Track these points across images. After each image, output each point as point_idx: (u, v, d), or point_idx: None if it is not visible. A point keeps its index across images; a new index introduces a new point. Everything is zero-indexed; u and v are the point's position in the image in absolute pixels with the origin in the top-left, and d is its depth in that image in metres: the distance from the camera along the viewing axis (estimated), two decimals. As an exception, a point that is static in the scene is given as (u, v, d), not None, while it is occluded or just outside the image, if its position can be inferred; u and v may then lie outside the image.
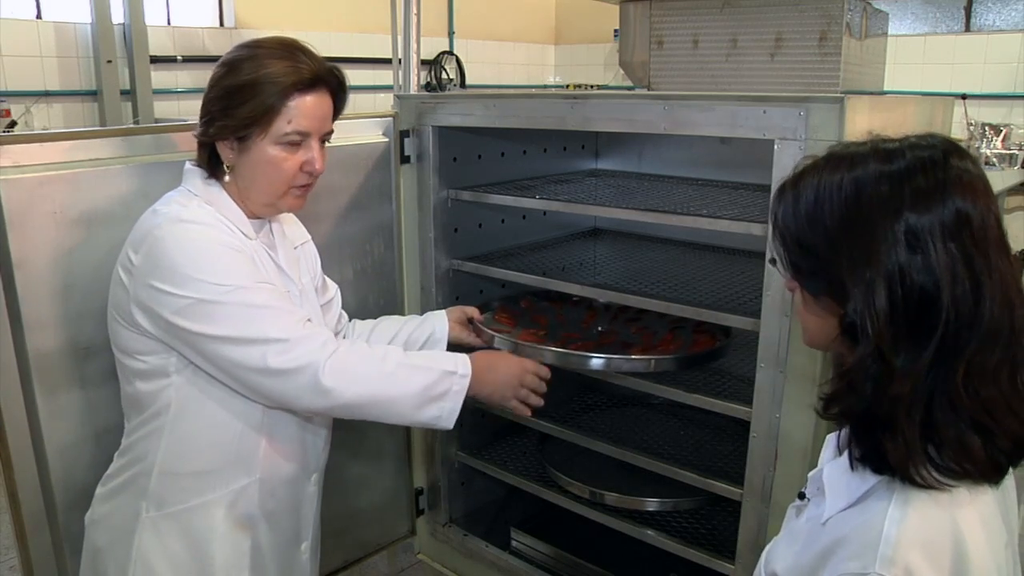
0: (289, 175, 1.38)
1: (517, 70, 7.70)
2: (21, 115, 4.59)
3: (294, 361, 1.31)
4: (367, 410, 1.40)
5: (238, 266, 1.33)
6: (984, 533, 0.84)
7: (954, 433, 0.83)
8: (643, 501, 2.01)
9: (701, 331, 2.01)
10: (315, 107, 1.37)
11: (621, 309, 2.17)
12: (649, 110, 1.69)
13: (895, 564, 0.80)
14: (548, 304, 2.26)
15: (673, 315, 1.92)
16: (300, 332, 1.33)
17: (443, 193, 2.17)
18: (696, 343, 1.95)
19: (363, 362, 1.38)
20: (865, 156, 0.89)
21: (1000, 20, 5.62)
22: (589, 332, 2.09)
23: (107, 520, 1.44)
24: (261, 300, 1.32)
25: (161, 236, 1.31)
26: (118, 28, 4.87)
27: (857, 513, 0.88)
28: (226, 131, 1.35)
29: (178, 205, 1.37)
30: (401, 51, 2.95)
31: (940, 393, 0.82)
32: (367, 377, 1.37)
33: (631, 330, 2.10)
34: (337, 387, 1.33)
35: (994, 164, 5.01)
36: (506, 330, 1.97)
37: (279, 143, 1.36)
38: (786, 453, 1.63)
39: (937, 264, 0.81)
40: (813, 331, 0.97)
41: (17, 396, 1.47)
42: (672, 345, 1.96)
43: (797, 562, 0.94)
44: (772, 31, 2.27)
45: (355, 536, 2.18)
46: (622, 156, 2.71)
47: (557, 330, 2.07)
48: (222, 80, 1.36)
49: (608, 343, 2.00)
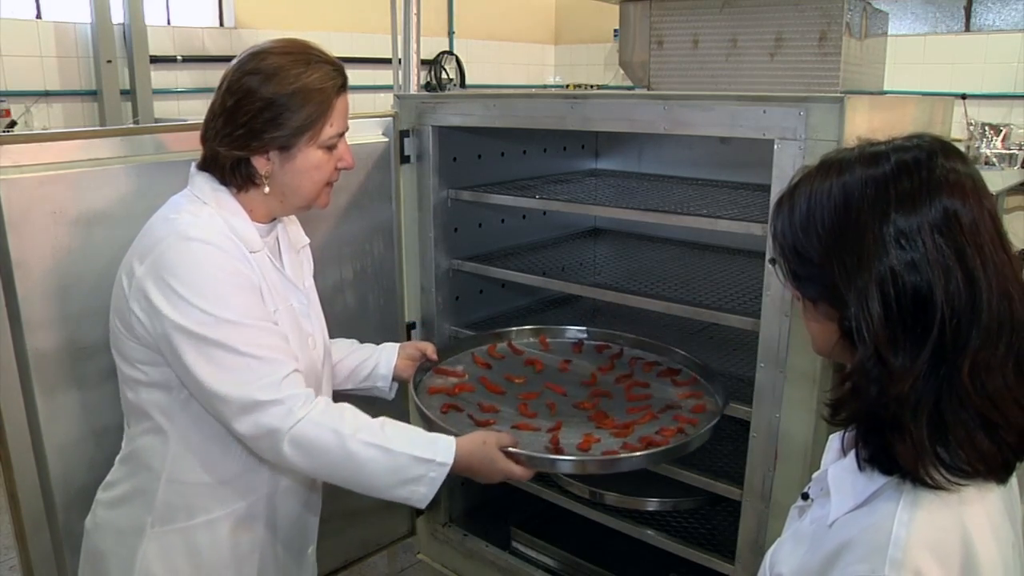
0: (328, 175, 1.41)
1: (517, 70, 7.70)
2: (21, 115, 4.60)
3: (255, 428, 1.28)
4: (333, 481, 1.37)
5: (239, 298, 1.30)
6: (992, 534, 0.84)
7: (964, 432, 0.83)
8: (643, 501, 2.01)
9: (685, 389, 1.76)
10: (347, 106, 1.41)
11: (599, 348, 1.98)
12: (649, 110, 1.69)
13: (905, 567, 0.80)
14: (509, 353, 1.97)
15: (660, 362, 1.86)
16: (271, 394, 1.27)
17: (443, 193, 2.17)
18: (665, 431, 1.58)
19: (327, 437, 1.30)
20: (852, 161, 0.90)
21: (1000, 20, 5.62)
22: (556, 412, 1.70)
23: (110, 527, 1.43)
24: (247, 345, 1.27)
25: (165, 251, 1.28)
26: (118, 28, 4.87)
27: (864, 515, 0.88)
28: (273, 143, 1.33)
29: (189, 215, 1.33)
30: (401, 51, 2.95)
31: (948, 392, 0.82)
32: (327, 454, 1.31)
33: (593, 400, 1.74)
34: (297, 462, 1.31)
35: (994, 164, 5.01)
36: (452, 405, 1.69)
37: (323, 147, 1.37)
38: (786, 453, 1.63)
39: (928, 262, 0.82)
40: (817, 338, 0.98)
41: (17, 396, 1.47)
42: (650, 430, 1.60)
43: (803, 564, 0.93)
44: (772, 31, 2.27)
45: (355, 536, 2.18)
46: (622, 156, 2.71)
47: (512, 398, 1.74)
48: (258, 91, 1.30)
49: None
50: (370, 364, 1.72)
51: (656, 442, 1.52)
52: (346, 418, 1.33)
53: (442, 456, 1.36)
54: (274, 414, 1.27)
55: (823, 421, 1.56)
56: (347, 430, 1.31)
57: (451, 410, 1.67)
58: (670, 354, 1.91)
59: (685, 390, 1.76)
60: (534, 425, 1.62)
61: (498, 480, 1.44)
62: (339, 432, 1.30)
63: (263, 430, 1.28)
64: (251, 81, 1.31)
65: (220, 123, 1.34)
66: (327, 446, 1.30)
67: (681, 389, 1.77)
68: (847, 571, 0.83)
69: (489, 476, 1.43)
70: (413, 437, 1.38)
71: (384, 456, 1.32)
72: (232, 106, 1.32)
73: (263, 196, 1.38)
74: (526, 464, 1.44)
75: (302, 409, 1.29)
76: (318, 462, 1.32)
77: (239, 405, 1.27)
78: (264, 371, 1.28)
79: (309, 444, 1.29)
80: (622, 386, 1.79)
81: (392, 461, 1.32)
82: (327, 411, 1.32)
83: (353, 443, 1.31)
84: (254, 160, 1.34)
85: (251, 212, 1.40)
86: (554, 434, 1.58)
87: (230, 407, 1.27)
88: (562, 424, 1.62)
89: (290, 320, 1.44)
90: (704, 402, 1.69)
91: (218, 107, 1.34)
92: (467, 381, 1.81)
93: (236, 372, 1.27)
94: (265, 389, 1.27)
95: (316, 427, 1.29)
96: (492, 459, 1.41)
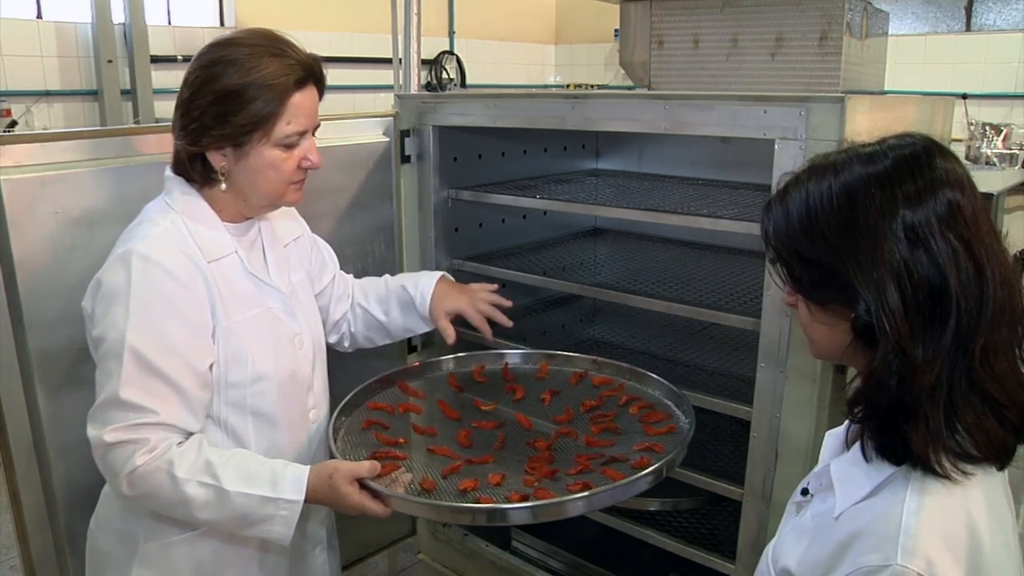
0: (288, 174, 1.35)
1: (517, 70, 7.70)
2: (22, 115, 4.60)
3: (100, 462, 1.28)
4: (189, 523, 1.35)
5: (171, 328, 1.27)
6: (994, 519, 0.87)
7: (973, 416, 0.85)
8: (644, 501, 2.01)
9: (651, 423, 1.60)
10: (309, 103, 1.34)
11: (597, 382, 1.77)
12: (649, 110, 1.69)
13: (916, 555, 0.81)
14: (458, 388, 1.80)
15: (653, 405, 1.64)
16: (128, 435, 1.24)
17: (443, 193, 2.17)
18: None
19: (164, 486, 1.26)
20: (848, 162, 0.91)
21: (1001, 20, 5.62)
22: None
23: (111, 528, 1.43)
24: (128, 383, 1.24)
25: (119, 264, 1.28)
26: (118, 28, 4.87)
27: (872, 505, 0.89)
28: (223, 140, 1.29)
29: (149, 225, 1.32)
30: (401, 51, 2.95)
31: (959, 376, 0.85)
32: (166, 499, 1.28)
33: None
34: (140, 498, 1.29)
35: (994, 164, 5.00)
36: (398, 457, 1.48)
37: (278, 145, 1.32)
38: (787, 453, 1.63)
39: (940, 255, 0.84)
40: (822, 341, 0.98)
41: (19, 396, 1.47)
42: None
43: (809, 557, 0.94)
44: (772, 31, 2.27)
45: (356, 536, 2.18)
46: (622, 156, 2.71)
47: (464, 424, 1.62)
48: (209, 85, 1.27)
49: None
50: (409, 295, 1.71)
51: (541, 494, 1.34)
52: (185, 459, 1.27)
53: (289, 493, 1.28)
54: (121, 455, 1.25)
55: (824, 421, 1.57)
56: (182, 473, 1.25)
57: (372, 426, 1.59)
58: (668, 392, 1.69)
59: (649, 441, 1.52)
60: (455, 453, 1.50)
61: (354, 514, 1.33)
62: (177, 478, 1.25)
63: (105, 468, 1.29)
64: (205, 73, 1.28)
65: (178, 116, 1.32)
66: (165, 493, 1.27)
67: (648, 439, 1.53)
68: (859, 560, 0.85)
69: (341, 511, 1.34)
70: (254, 473, 1.29)
71: (219, 497, 1.27)
72: (187, 99, 1.30)
73: (223, 194, 1.36)
74: (386, 501, 1.31)
75: (146, 454, 1.25)
76: (158, 505, 1.31)
77: (98, 435, 1.26)
78: (142, 415, 1.25)
79: (150, 490, 1.27)
80: (593, 428, 1.60)
81: (229, 502, 1.27)
82: (184, 454, 1.27)
83: (191, 487, 1.26)
84: (209, 156, 1.32)
85: (221, 212, 1.38)
86: (454, 464, 1.45)
87: (94, 432, 1.27)
88: (492, 458, 1.49)
89: (266, 324, 1.41)
90: (650, 458, 1.44)
91: (178, 99, 1.32)
92: (421, 402, 1.71)
93: (112, 408, 1.25)
94: (129, 429, 1.25)
95: (156, 474, 1.25)
96: (339, 494, 1.30)
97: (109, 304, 1.27)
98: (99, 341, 1.28)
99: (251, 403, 1.39)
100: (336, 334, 1.73)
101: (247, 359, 1.37)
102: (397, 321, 1.73)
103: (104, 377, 1.27)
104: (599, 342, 2.71)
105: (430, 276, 1.75)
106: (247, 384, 1.38)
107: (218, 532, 1.41)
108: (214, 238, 1.36)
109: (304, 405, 1.50)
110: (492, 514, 1.32)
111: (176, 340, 1.28)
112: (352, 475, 1.31)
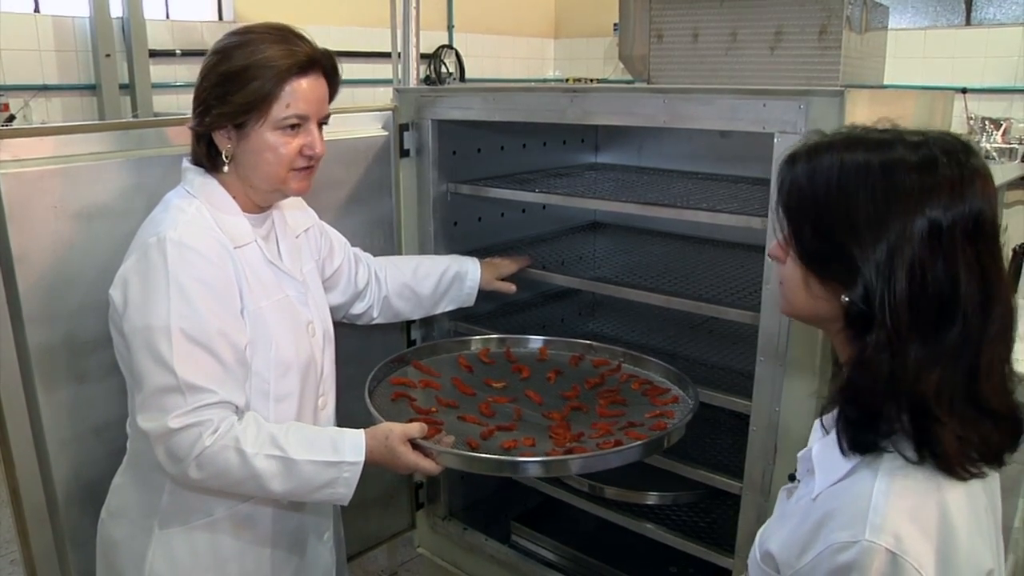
0: (289, 159, 1.37)
1: (516, 64, 7.68)
2: (20, 109, 4.58)
3: (163, 449, 1.29)
4: (255, 495, 1.39)
5: (201, 305, 1.29)
6: (970, 500, 0.88)
7: (971, 425, 0.86)
8: (642, 495, 2.02)
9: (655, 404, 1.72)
10: (312, 90, 1.36)
11: (596, 363, 1.92)
12: (649, 104, 1.69)
13: (884, 531, 0.83)
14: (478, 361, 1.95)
15: (652, 381, 1.80)
16: (192, 418, 1.27)
17: (442, 187, 2.17)
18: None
19: (233, 463, 1.30)
20: (891, 142, 0.89)
21: (1000, 14, 5.60)
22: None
23: (123, 517, 1.44)
24: (188, 372, 1.27)
25: (154, 252, 1.30)
26: (117, 22, 4.85)
27: (846, 486, 0.91)
28: (223, 119, 1.33)
29: (176, 212, 1.34)
30: (400, 45, 2.94)
31: (959, 385, 0.85)
32: (236, 476, 1.31)
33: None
34: (208, 479, 1.31)
35: (994, 158, 5.00)
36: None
37: (278, 128, 1.34)
38: (786, 446, 1.63)
39: (958, 260, 0.84)
40: (798, 304, 0.97)
41: (18, 391, 1.47)
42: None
43: (790, 538, 0.95)
44: (772, 25, 2.26)
45: (355, 530, 2.18)
46: (622, 150, 2.71)
47: (480, 400, 1.72)
48: (216, 67, 1.33)
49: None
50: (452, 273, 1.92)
51: (578, 450, 1.47)
52: (248, 435, 1.31)
53: (351, 455, 1.35)
54: (184, 442, 1.27)
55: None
56: (250, 448, 1.30)
57: (400, 398, 1.69)
58: (666, 372, 1.84)
59: (659, 409, 1.68)
60: (483, 422, 1.61)
61: (407, 473, 1.44)
62: (246, 451, 1.29)
63: (168, 457, 1.29)
64: (209, 60, 1.35)
65: (193, 102, 1.37)
66: (234, 469, 1.30)
67: (656, 407, 1.69)
68: (830, 538, 0.86)
69: (396, 470, 1.42)
70: (314, 440, 1.35)
71: (287, 467, 1.32)
72: (199, 82, 1.36)
73: (232, 181, 1.39)
74: (436, 458, 1.42)
75: (210, 435, 1.28)
76: (225, 483, 1.33)
77: (155, 426, 1.28)
78: (194, 396, 1.28)
79: (219, 470, 1.30)
80: (601, 402, 1.73)
81: (298, 470, 1.32)
82: (246, 427, 1.31)
83: (260, 461, 1.30)
84: (216, 138, 1.36)
85: (235, 201, 1.41)
86: (487, 428, 1.56)
87: (152, 423, 1.29)
88: (515, 426, 1.60)
89: (286, 311, 1.45)
90: (667, 422, 1.60)
91: (195, 87, 1.37)
92: (437, 380, 1.81)
93: (159, 395, 1.28)
94: (186, 414, 1.27)
95: (224, 451, 1.29)
96: (395, 453, 1.38)
97: (148, 292, 1.28)
98: (140, 330, 1.28)
99: (274, 389, 1.42)
100: (363, 303, 1.81)
101: (271, 345, 1.40)
102: (430, 287, 1.90)
103: (151, 364, 1.27)
104: (598, 336, 2.71)
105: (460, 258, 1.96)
106: (271, 369, 1.41)
107: (221, 527, 1.42)
108: (236, 224, 1.39)
109: (316, 392, 1.53)
110: (548, 465, 1.44)
111: (219, 320, 1.31)
112: (405, 435, 1.40)
